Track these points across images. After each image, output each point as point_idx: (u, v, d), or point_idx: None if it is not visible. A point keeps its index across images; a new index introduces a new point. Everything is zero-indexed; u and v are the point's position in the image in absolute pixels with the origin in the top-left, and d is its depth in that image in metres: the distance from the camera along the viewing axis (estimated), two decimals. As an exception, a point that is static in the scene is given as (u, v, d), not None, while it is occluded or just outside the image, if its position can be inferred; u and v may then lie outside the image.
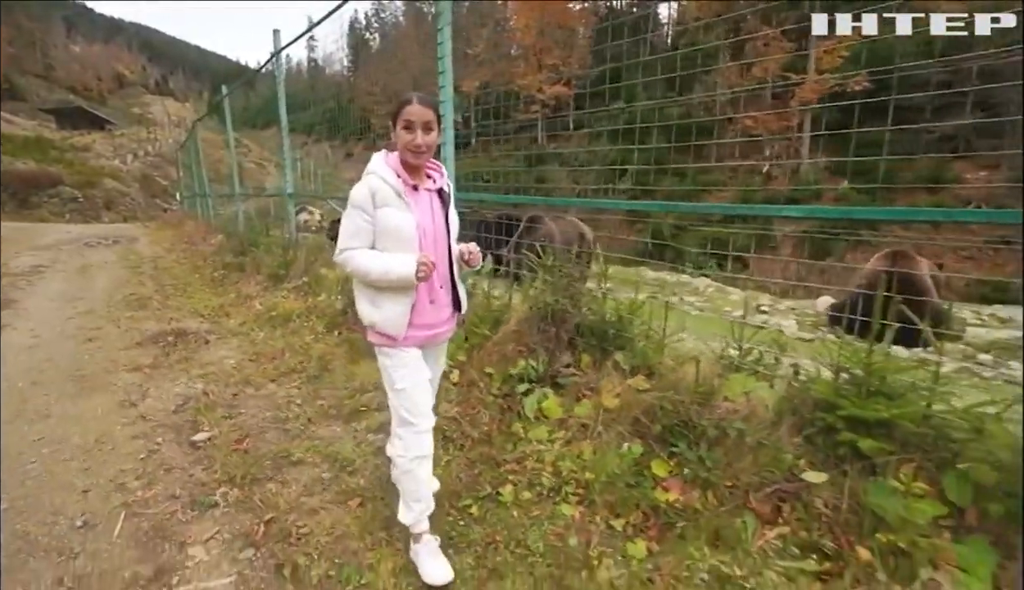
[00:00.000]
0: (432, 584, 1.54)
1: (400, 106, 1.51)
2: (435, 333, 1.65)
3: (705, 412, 1.93)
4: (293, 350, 3.68)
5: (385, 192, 1.50)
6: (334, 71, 77.69)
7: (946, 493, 1.53)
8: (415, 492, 1.60)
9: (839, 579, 1.45)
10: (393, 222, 1.50)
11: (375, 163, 1.56)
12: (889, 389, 1.71)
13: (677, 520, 1.70)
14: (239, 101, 31.59)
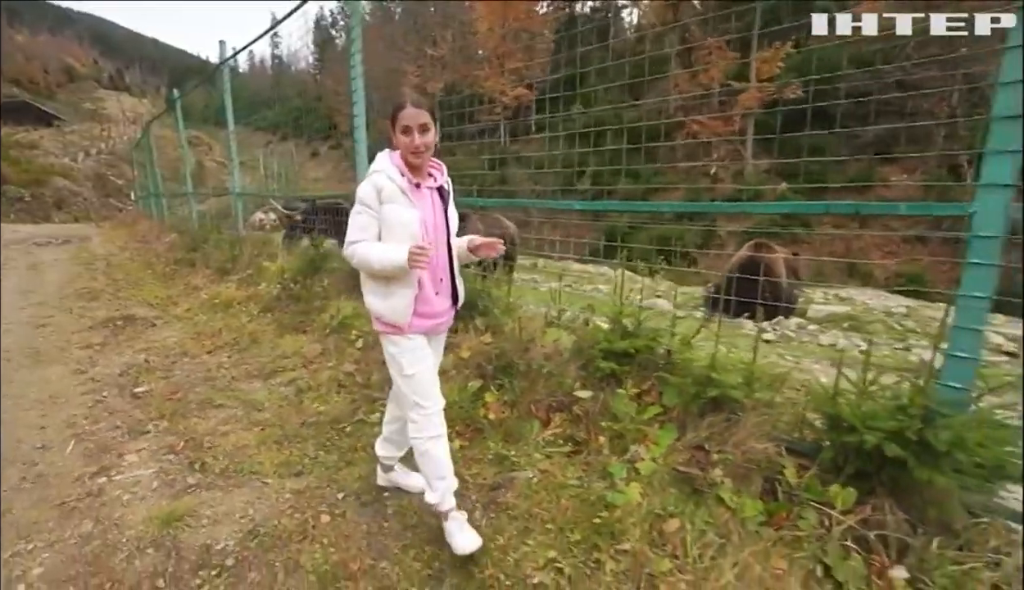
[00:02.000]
0: (463, 553, 1.62)
1: (395, 111, 1.57)
2: (437, 323, 1.72)
3: (523, 355, 2.61)
4: (230, 329, 4.23)
5: (390, 189, 1.56)
6: (300, 69, 76.69)
7: (663, 399, 2.26)
8: (436, 471, 1.68)
9: (581, 455, 2.15)
10: (398, 217, 1.56)
11: (381, 162, 1.63)
12: (640, 332, 2.42)
13: (489, 430, 2.37)
14: (200, 98, 31.20)
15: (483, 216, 7.20)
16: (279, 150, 41.57)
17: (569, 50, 23.50)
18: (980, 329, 1.56)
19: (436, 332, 1.78)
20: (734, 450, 1.91)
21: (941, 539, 1.53)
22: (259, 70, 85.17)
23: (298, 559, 1.67)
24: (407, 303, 1.62)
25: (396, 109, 1.58)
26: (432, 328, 1.72)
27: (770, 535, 1.66)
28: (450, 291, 1.75)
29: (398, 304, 1.62)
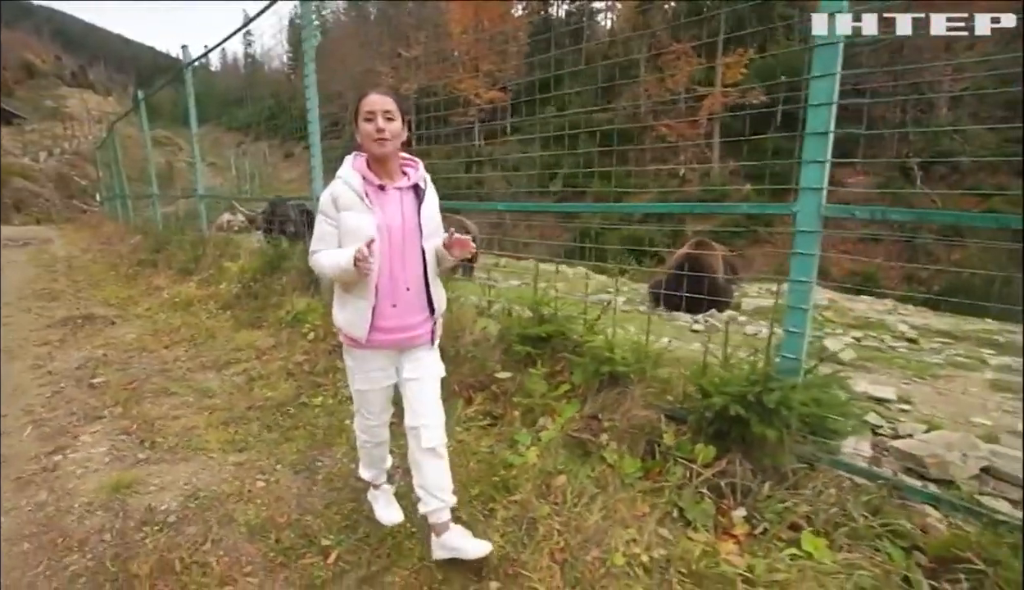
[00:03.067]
0: (387, 524, 1.83)
1: (358, 100, 1.52)
2: (406, 336, 1.61)
3: (454, 342, 2.88)
4: (188, 326, 4.39)
5: (347, 195, 1.50)
6: (273, 68, 75.49)
7: (572, 377, 2.55)
8: (369, 462, 1.88)
9: (496, 427, 2.42)
10: (353, 225, 1.48)
11: (343, 167, 1.57)
12: (554, 320, 2.71)
13: (420, 407, 2.63)
14: (169, 96, 30.56)
15: (445, 216, 7.43)
16: (252, 150, 40.94)
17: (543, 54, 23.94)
18: (806, 308, 1.89)
19: (410, 345, 1.65)
20: (622, 418, 2.22)
21: (772, 483, 1.85)
22: (231, 68, 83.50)
23: (233, 515, 1.90)
24: (362, 316, 1.53)
25: (359, 98, 1.52)
26: (399, 343, 1.61)
27: (643, 486, 1.96)
28: (424, 301, 1.62)
29: (353, 316, 1.55)
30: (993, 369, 3.45)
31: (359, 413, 1.78)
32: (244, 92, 62.02)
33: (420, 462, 1.64)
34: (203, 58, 6.65)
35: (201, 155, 7.89)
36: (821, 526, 1.69)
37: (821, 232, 1.82)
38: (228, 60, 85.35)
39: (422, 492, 1.65)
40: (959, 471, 2.09)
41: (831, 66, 1.70)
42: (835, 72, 1.69)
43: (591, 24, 40.48)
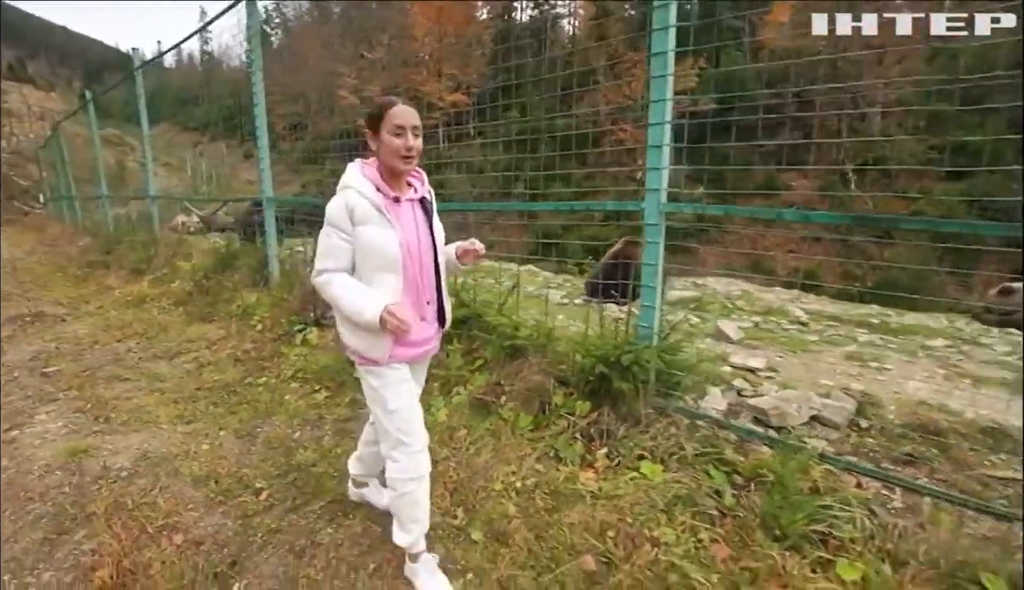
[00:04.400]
0: None
1: (384, 109, 1.41)
2: (423, 351, 1.58)
3: (386, 327, 3.25)
4: (140, 321, 4.58)
5: (365, 208, 1.39)
6: (232, 66, 73.50)
7: (486, 352, 2.95)
8: (413, 514, 1.54)
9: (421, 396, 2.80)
10: (375, 241, 1.39)
11: (352, 176, 1.44)
12: (472, 304, 3.11)
13: (351, 384, 2.98)
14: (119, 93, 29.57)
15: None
16: (210, 151, 39.90)
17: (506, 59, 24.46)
18: (654, 287, 2.35)
19: (422, 360, 1.64)
20: (520, 383, 2.64)
21: (629, 427, 2.31)
22: (187, 66, 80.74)
23: (179, 470, 2.22)
24: (385, 336, 1.41)
25: (385, 107, 1.41)
26: (417, 356, 1.57)
27: (531, 436, 2.38)
28: (436, 313, 1.58)
29: (374, 339, 1.43)
30: (858, 344, 4.06)
31: (396, 446, 1.51)
32: (201, 90, 60.15)
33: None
34: (161, 57, 6.75)
35: (154, 156, 7.95)
36: (660, 456, 2.15)
37: (663, 224, 2.29)
38: (184, 57, 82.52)
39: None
40: (794, 419, 2.60)
41: (663, 93, 2.16)
42: (666, 98, 2.16)
43: (554, 29, 41.35)
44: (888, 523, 1.77)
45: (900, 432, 2.39)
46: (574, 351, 2.71)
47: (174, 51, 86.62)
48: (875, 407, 2.61)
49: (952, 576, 1.53)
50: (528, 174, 4.07)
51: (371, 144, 1.46)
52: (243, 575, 1.66)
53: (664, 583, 1.57)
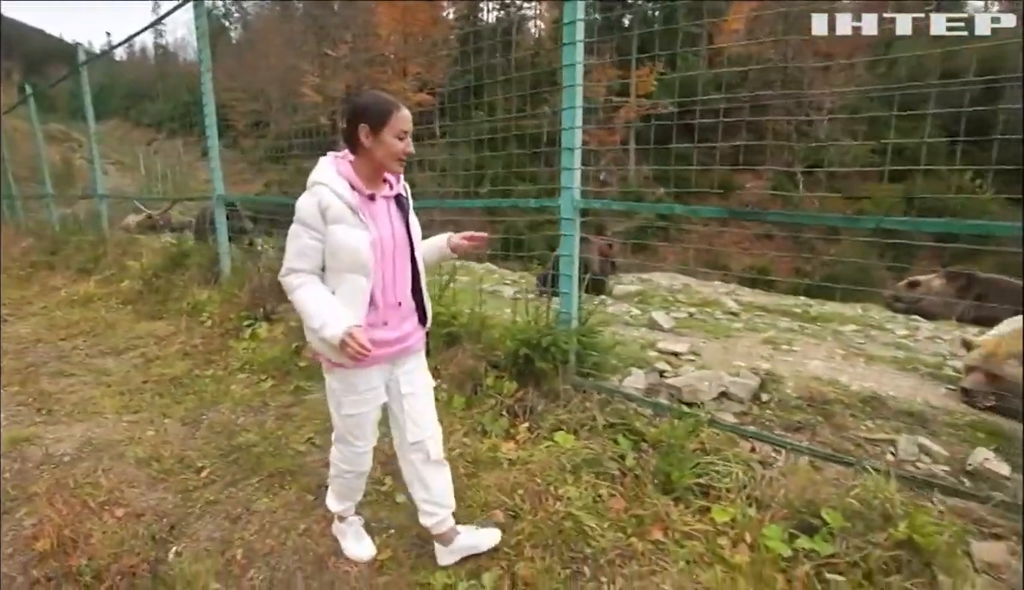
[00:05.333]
0: (357, 559, 1.71)
1: (388, 111, 1.38)
2: (399, 348, 1.53)
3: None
4: (87, 320, 4.57)
5: (338, 207, 1.36)
6: (188, 60, 70.76)
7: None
8: (346, 494, 1.71)
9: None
10: (346, 242, 1.36)
11: (323, 172, 1.40)
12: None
13: (296, 373, 3.13)
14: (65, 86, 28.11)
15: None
16: (165, 148, 38.43)
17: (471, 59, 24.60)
18: (571, 276, 2.60)
19: (404, 356, 1.57)
20: (455, 367, 2.84)
21: (550, 403, 2.55)
22: (139, 58, 77.31)
23: (123, 453, 2.33)
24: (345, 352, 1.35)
25: (389, 109, 1.38)
26: (393, 355, 1.53)
27: (463, 414, 2.59)
28: (414, 312, 1.56)
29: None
30: (776, 330, 4.43)
31: (342, 441, 1.59)
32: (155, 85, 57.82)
33: (427, 476, 1.64)
34: (105, 54, 6.63)
35: (104, 153, 7.78)
36: (573, 427, 2.39)
37: (577, 219, 2.54)
38: (136, 50, 78.96)
39: (430, 506, 1.65)
40: (704, 395, 2.88)
41: (573, 101, 2.41)
42: (576, 106, 2.40)
43: (520, 31, 41.67)
44: (758, 475, 2.06)
45: (795, 403, 2.71)
46: (504, 337, 2.94)
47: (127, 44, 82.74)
48: (776, 383, 2.93)
49: (800, 512, 1.82)
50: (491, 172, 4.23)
51: (364, 142, 1.39)
52: (180, 540, 1.81)
53: (560, 528, 1.80)
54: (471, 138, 18.67)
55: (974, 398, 2.68)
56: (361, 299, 1.40)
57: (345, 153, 1.46)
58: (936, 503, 1.86)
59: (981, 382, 2.70)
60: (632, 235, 23.15)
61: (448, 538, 1.68)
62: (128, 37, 6.16)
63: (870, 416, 2.55)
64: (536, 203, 2.74)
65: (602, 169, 27.55)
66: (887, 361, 3.56)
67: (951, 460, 2.17)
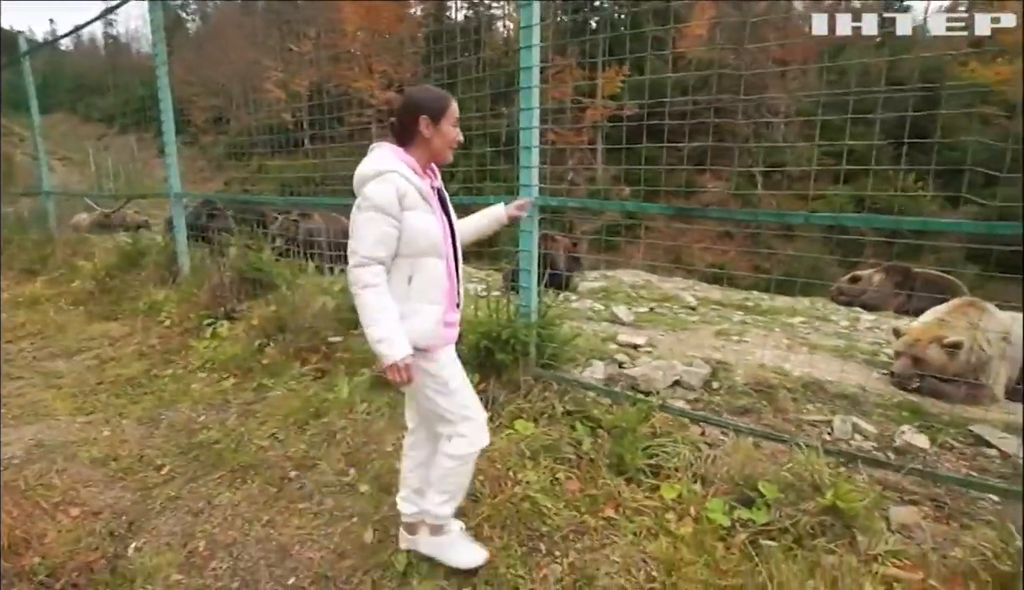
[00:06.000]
0: (476, 565, 1.63)
1: (446, 102, 1.47)
2: (457, 332, 1.63)
3: (296, 317, 3.40)
4: (34, 322, 4.39)
5: (412, 193, 1.39)
6: (142, 52, 67.57)
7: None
8: (464, 485, 1.63)
9: (323, 379, 2.99)
10: (422, 226, 1.40)
11: (391, 160, 1.41)
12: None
13: (259, 370, 3.12)
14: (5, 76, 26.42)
15: (325, 214, 7.78)
16: (117, 144, 36.66)
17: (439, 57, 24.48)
18: (530, 270, 2.69)
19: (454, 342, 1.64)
20: (419, 361, 2.90)
21: (510, 393, 2.63)
22: (88, 49, 73.41)
23: (77, 454, 2.29)
24: (436, 320, 1.47)
25: (446, 101, 1.47)
26: (454, 338, 1.62)
27: (426, 406, 2.64)
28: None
29: (424, 324, 1.45)
30: (730, 323, 4.66)
31: (464, 421, 1.56)
32: (106, 78, 55.03)
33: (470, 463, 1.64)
34: (50, 44, 6.34)
35: (50, 148, 7.43)
36: (533, 416, 2.49)
37: (536, 216, 2.63)
38: (84, 40, 74.94)
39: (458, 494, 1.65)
40: (659, 384, 3.02)
41: (530, 102, 2.50)
42: (533, 107, 2.50)
43: (489, 30, 41.67)
44: (704, 455, 2.20)
45: (742, 390, 2.87)
46: (467, 331, 3.01)
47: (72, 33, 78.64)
48: (726, 371, 3.10)
49: (740, 487, 1.96)
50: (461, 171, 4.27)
51: (424, 132, 1.45)
52: (140, 535, 1.82)
53: (518, 509, 1.89)
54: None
55: (902, 381, 2.91)
56: (439, 281, 1.47)
57: (392, 145, 1.48)
58: (863, 474, 2.03)
59: (907, 366, 2.93)
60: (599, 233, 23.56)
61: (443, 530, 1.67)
62: (76, 28, 5.91)
63: (810, 400, 2.74)
64: (495, 200, 2.81)
65: (570, 169, 27.97)
66: (828, 349, 3.80)
67: (880, 437, 2.36)
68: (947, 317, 3.01)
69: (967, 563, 1.57)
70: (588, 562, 1.67)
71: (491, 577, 1.63)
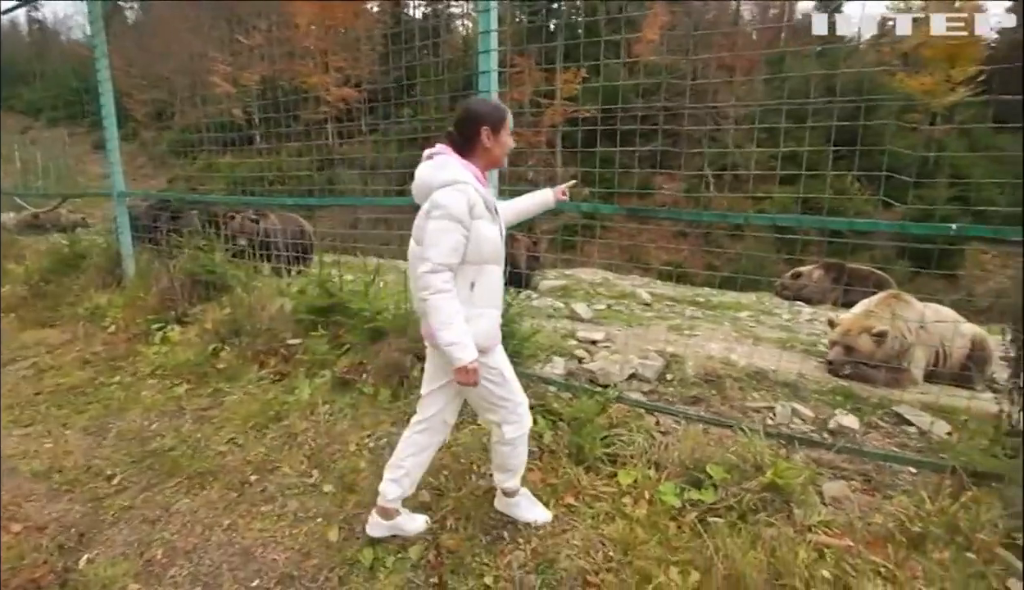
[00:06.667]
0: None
1: (505, 114, 1.58)
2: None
3: (251, 319, 3.32)
4: (-42, 331, 4.08)
5: (480, 204, 1.47)
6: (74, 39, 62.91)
7: (351, 337, 3.16)
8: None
9: (283, 381, 2.95)
10: (488, 235, 1.49)
11: (459, 170, 1.49)
12: (339, 294, 3.30)
13: (214, 375, 3.04)
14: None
15: (280, 214, 7.55)
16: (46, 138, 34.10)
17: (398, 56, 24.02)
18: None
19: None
20: (381, 361, 2.91)
21: (473, 389, 2.68)
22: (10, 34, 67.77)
23: (17, 468, 2.18)
24: (497, 322, 1.61)
25: (505, 113, 1.58)
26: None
27: (389, 406, 2.66)
28: None
29: (487, 326, 1.57)
30: (682, 318, 4.87)
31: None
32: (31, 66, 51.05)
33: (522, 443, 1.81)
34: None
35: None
36: (496, 411, 2.55)
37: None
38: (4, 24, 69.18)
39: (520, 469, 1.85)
40: (616, 377, 3.14)
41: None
42: (491, 111, 2.56)
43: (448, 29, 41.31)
44: (658, 442, 2.32)
45: (693, 380, 3.03)
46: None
47: (-8, 19, 72.35)
48: (679, 364, 3.25)
49: (690, 470, 2.09)
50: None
51: (485, 142, 1.55)
52: (93, 547, 1.76)
53: (481, 502, 1.95)
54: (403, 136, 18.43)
55: (836, 368, 3.15)
56: (498, 286, 1.60)
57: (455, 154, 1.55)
58: (800, 454, 2.21)
59: (841, 354, 3.17)
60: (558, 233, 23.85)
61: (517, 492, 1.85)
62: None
63: (754, 388, 2.92)
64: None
65: (530, 168, 28.24)
66: (772, 341, 4.05)
67: (816, 420, 2.55)
68: (875, 308, 3.28)
69: (886, 528, 1.74)
70: (550, 547, 1.75)
71: (456, 566, 1.68)
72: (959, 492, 1.83)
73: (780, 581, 1.55)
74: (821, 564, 1.59)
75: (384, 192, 20.46)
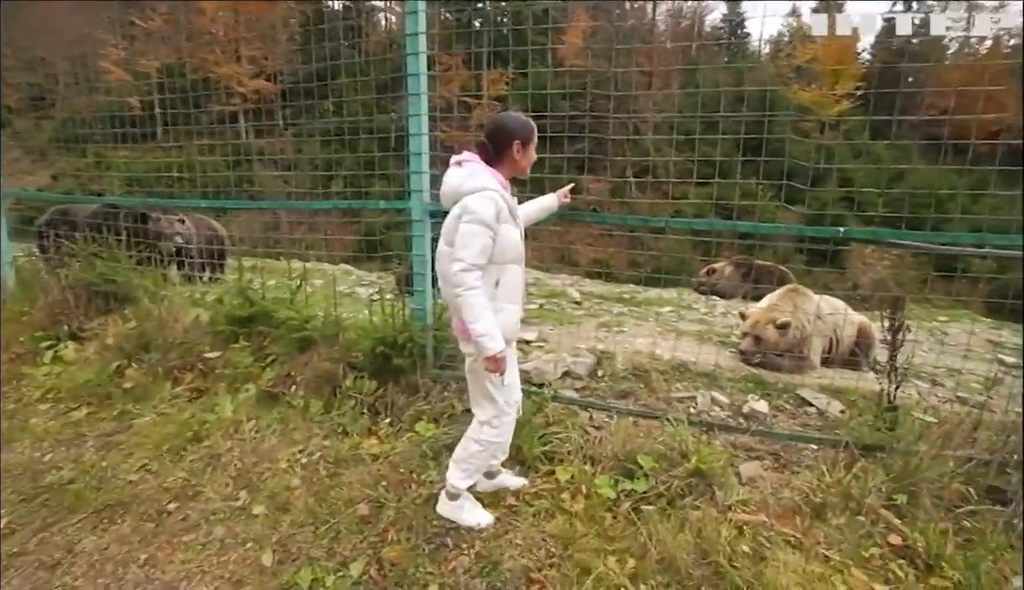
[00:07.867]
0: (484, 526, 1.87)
1: (533, 129, 1.73)
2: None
3: (161, 332, 3.06)
4: None
5: (506, 209, 1.63)
6: (-79, 14, 53.71)
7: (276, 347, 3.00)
8: (485, 463, 1.90)
9: (201, 398, 2.74)
10: (512, 238, 1.65)
11: (487, 178, 1.64)
12: (260, 302, 3.12)
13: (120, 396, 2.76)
14: None
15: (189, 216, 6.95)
16: None
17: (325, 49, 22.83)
18: (423, 274, 2.73)
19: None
20: (310, 372, 2.79)
21: (409, 397, 2.65)
22: None
23: None
24: (517, 317, 1.74)
25: (533, 127, 1.73)
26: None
27: (321, 418, 2.56)
28: None
29: (508, 320, 1.69)
30: (611, 315, 5.10)
31: (500, 414, 1.80)
32: None
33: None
34: None
35: None
36: (434, 417, 2.54)
37: (427, 220, 2.67)
38: None
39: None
40: (550, 375, 3.22)
41: (419, 109, 2.54)
42: (421, 113, 2.54)
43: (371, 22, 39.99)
44: (592, 437, 2.42)
45: (623, 375, 3.17)
46: (361, 337, 2.95)
47: None
48: (609, 360, 3.39)
49: (623, 461, 2.20)
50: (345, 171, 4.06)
51: (515, 155, 1.70)
52: (-25, 602, 1.55)
53: (423, 512, 1.94)
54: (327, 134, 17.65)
55: (747, 357, 3.44)
56: (519, 283, 1.73)
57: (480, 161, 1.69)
58: (719, 439, 2.40)
59: (751, 345, 3.46)
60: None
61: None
62: None
63: (678, 379, 3.12)
64: (386, 204, 2.81)
65: (460, 169, 28.04)
66: (692, 334, 4.34)
67: (731, 407, 2.77)
68: (778, 302, 3.61)
69: (794, 501, 1.95)
70: (493, 549, 1.78)
71: (400, 578, 1.66)
72: (851, 464, 2.09)
73: (707, 559, 1.69)
74: (741, 540, 1.75)
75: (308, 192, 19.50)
